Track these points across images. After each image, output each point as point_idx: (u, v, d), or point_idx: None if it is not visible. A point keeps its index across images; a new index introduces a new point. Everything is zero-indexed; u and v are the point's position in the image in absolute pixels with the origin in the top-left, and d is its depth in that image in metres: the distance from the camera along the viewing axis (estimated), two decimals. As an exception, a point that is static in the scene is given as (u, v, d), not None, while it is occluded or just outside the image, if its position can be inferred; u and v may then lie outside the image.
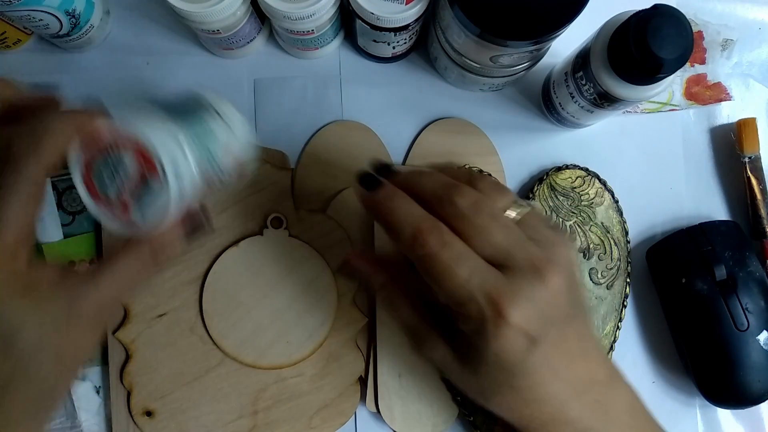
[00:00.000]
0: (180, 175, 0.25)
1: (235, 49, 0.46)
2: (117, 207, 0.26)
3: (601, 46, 0.38)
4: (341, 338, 0.45)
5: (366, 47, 0.46)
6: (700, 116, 0.50)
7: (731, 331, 0.43)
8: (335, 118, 0.48)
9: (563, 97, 0.44)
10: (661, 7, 0.35)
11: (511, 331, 0.28)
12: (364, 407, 0.45)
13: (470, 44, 0.39)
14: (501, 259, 0.29)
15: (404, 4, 0.39)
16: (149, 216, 0.25)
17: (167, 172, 0.25)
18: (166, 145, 0.25)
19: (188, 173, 0.26)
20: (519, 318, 0.28)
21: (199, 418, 0.44)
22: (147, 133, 0.25)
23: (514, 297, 0.28)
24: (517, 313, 0.28)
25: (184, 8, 0.38)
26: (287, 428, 0.44)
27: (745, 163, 0.48)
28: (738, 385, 0.43)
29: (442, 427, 0.45)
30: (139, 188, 0.25)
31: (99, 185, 0.26)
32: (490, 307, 0.28)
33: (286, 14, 0.39)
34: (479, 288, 0.28)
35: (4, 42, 0.45)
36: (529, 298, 0.28)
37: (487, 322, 0.28)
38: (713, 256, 0.44)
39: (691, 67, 0.50)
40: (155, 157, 0.25)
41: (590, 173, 0.47)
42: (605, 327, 0.46)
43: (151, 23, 0.48)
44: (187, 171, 0.26)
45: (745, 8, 0.51)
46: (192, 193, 0.27)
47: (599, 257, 0.46)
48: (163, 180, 0.25)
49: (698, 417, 0.47)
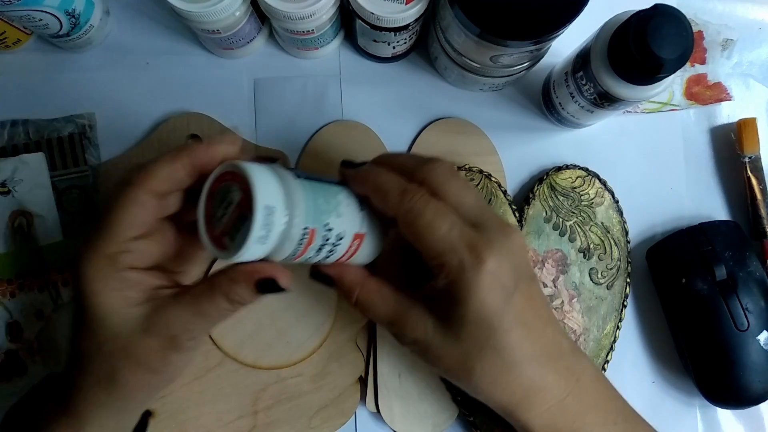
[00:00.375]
0: (269, 223, 0.27)
1: (235, 49, 0.46)
2: (218, 229, 0.29)
3: (602, 46, 0.38)
4: (341, 338, 0.45)
5: (366, 47, 0.46)
6: (701, 116, 0.50)
7: (731, 331, 0.43)
8: (335, 118, 0.48)
9: (563, 97, 0.44)
10: (661, 7, 0.35)
11: (489, 277, 0.30)
12: (364, 407, 0.45)
13: (470, 44, 0.39)
14: (473, 218, 0.32)
15: (404, 4, 0.39)
16: (233, 246, 0.28)
17: (255, 214, 0.27)
18: (269, 193, 0.28)
19: (279, 225, 0.28)
20: (495, 265, 0.31)
21: (198, 418, 0.44)
22: (256, 176, 0.27)
23: (489, 246, 0.31)
24: (494, 260, 0.31)
25: (184, 8, 0.38)
26: (287, 428, 0.44)
27: (746, 163, 0.48)
28: (738, 385, 0.43)
29: (442, 427, 0.45)
30: (235, 220, 0.28)
31: (213, 209, 0.29)
32: (469, 254, 0.31)
33: (286, 14, 0.39)
34: (459, 238, 0.31)
35: (3, 42, 0.45)
36: (501, 250, 0.31)
37: (467, 269, 0.30)
38: (713, 256, 0.44)
39: (692, 67, 0.50)
40: (252, 197, 0.27)
41: (590, 173, 0.47)
42: (605, 327, 0.46)
43: (151, 23, 0.48)
44: (279, 222, 0.28)
45: (745, 8, 0.51)
46: (275, 247, 0.29)
47: (599, 257, 0.46)
48: (249, 220, 0.27)
49: (698, 417, 0.47)
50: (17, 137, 0.46)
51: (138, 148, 0.46)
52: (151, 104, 0.47)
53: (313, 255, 0.32)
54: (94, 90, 0.47)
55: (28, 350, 0.44)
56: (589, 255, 0.46)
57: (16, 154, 0.45)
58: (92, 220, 0.30)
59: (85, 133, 0.47)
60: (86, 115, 0.47)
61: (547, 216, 0.46)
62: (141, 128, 0.47)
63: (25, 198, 0.44)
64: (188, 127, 0.46)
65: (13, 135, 0.46)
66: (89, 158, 0.46)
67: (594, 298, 0.46)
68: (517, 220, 0.46)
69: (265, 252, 0.29)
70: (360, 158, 0.35)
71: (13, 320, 0.44)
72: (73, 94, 0.47)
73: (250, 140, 0.47)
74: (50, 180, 0.45)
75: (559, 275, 0.46)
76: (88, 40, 0.46)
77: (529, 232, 0.46)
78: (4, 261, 0.44)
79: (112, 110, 0.47)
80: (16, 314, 0.44)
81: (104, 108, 0.47)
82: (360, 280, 0.34)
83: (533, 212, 0.46)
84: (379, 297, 0.34)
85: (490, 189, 0.46)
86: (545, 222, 0.46)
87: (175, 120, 0.46)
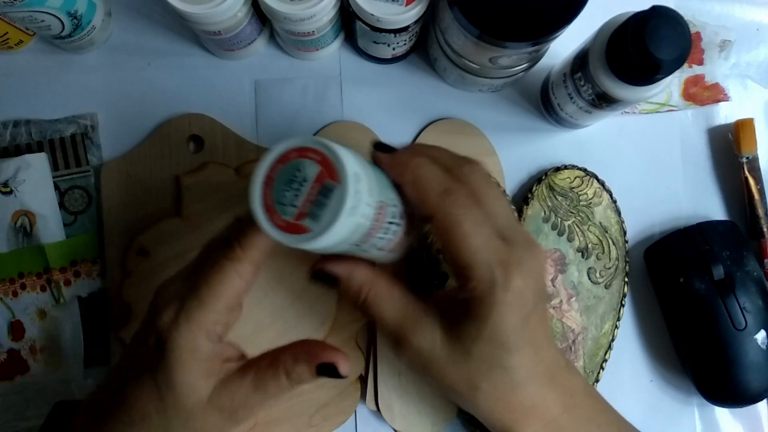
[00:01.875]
0: (358, 191, 0.25)
1: (236, 50, 0.47)
2: (290, 215, 0.26)
3: (600, 47, 0.38)
4: (341, 337, 0.45)
5: (366, 48, 0.46)
6: (698, 117, 0.50)
7: (729, 330, 0.43)
8: (336, 119, 0.48)
9: (562, 97, 0.44)
10: (659, 9, 0.35)
11: (514, 296, 0.29)
12: (364, 406, 0.45)
13: (469, 45, 0.39)
14: (504, 231, 0.31)
15: (404, 6, 0.39)
16: (321, 221, 0.25)
17: (348, 180, 0.25)
18: (352, 161, 0.26)
19: (364, 194, 0.26)
20: (522, 284, 0.29)
21: (200, 416, 0.44)
22: (334, 144, 0.25)
23: (519, 266, 0.30)
24: (521, 279, 0.29)
25: (186, 10, 0.38)
26: (288, 426, 0.44)
27: (743, 164, 0.48)
28: (736, 383, 0.43)
29: (441, 426, 0.45)
30: (317, 195, 0.25)
31: (275, 194, 0.26)
32: (501, 271, 0.29)
33: (287, 16, 0.39)
34: (494, 252, 0.30)
35: (6, 43, 0.45)
36: (529, 270, 0.30)
37: (496, 286, 0.29)
38: (711, 256, 0.44)
39: (689, 68, 0.50)
40: (339, 164, 0.25)
41: (588, 173, 0.47)
42: (603, 326, 0.46)
43: (152, 24, 0.48)
44: (364, 191, 0.26)
45: (743, 9, 0.51)
46: (363, 219, 0.27)
47: (597, 257, 0.46)
48: (341, 189, 0.25)
49: (696, 415, 0.47)
50: (20, 137, 0.46)
51: (140, 149, 0.47)
52: (152, 105, 0.48)
53: (377, 239, 0.29)
54: (96, 91, 0.48)
55: (30, 349, 0.44)
56: (587, 254, 0.46)
57: (19, 155, 0.45)
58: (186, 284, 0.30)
59: (87, 134, 0.47)
60: (88, 115, 0.47)
61: (545, 216, 0.46)
62: (143, 129, 0.47)
63: (28, 198, 0.45)
64: (189, 128, 0.47)
65: (16, 135, 0.46)
66: (91, 158, 0.47)
67: (592, 297, 0.46)
68: (516, 220, 0.46)
69: (351, 229, 0.26)
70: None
71: (16, 319, 0.44)
72: (75, 94, 0.47)
73: (251, 141, 0.47)
74: (52, 180, 0.46)
75: (558, 274, 0.46)
76: (90, 41, 0.46)
77: (528, 232, 0.46)
78: (6, 260, 0.45)
79: (114, 111, 0.47)
80: (18, 313, 0.44)
81: (106, 108, 0.47)
82: (370, 278, 0.32)
83: (532, 212, 0.46)
84: (389, 298, 0.32)
85: (489, 189, 0.46)
86: (544, 222, 0.46)
87: (177, 121, 0.47)
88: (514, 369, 0.31)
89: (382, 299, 0.32)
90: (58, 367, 0.44)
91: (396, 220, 0.30)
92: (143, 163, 0.46)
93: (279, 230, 0.26)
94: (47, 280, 0.45)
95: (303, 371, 0.30)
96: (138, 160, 0.46)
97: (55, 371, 0.44)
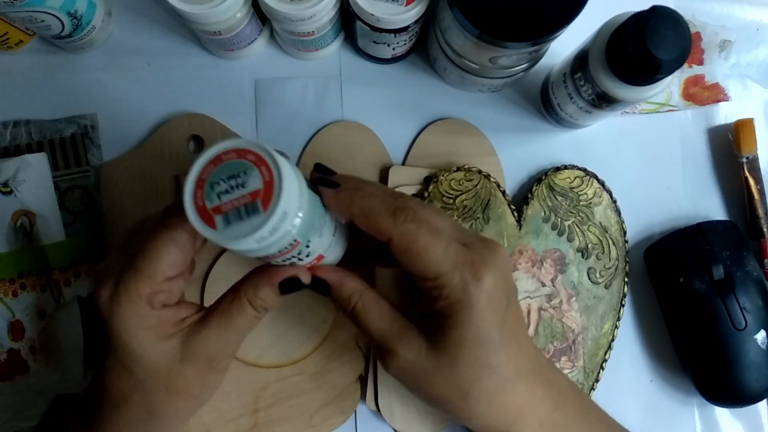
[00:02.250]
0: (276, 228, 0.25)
1: (236, 50, 0.47)
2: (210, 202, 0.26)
3: (600, 47, 0.38)
4: (341, 337, 0.45)
5: (366, 48, 0.46)
6: (698, 117, 0.50)
7: (729, 330, 0.43)
8: (336, 119, 0.48)
9: (562, 97, 0.44)
10: (659, 9, 0.35)
11: (487, 294, 0.30)
12: (365, 405, 0.45)
13: (469, 45, 0.39)
14: (459, 237, 0.31)
15: (404, 6, 0.39)
16: (225, 232, 0.25)
17: (272, 217, 0.25)
18: (290, 199, 0.26)
19: (282, 231, 0.26)
20: (492, 282, 0.30)
21: (199, 416, 0.44)
22: (286, 176, 0.25)
23: (485, 265, 0.30)
24: (490, 276, 0.30)
25: (186, 10, 0.38)
26: (288, 426, 0.44)
27: (743, 164, 0.48)
28: (736, 383, 0.43)
29: (441, 425, 0.45)
30: (240, 206, 0.25)
31: (212, 176, 0.26)
32: (469, 272, 0.30)
33: (287, 16, 0.39)
34: (458, 256, 0.30)
35: (6, 43, 0.45)
36: (496, 267, 0.31)
37: (468, 286, 0.30)
38: (711, 256, 0.44)
39: (689, 68, 0.50)
40: (275, 198, 0.25)
41: (588, 173, 0.47)
42: (603, 326, 0.46)
43: (152, 24, 0.48)
44: (283, 229, 0.26)
45: (743, 9, 0.51)
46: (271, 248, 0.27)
47: (597, 257, 0.46)
48: (262, 219, 0.25)
49: (696, 415, 0.48)
50: (20, 137, 0.46)
51: (139, 149, 0.47)
52: (152, 105, 0.48)
53: (279, 261, 0.30)
54: (96, 91, 0.48)
55: (30, 349, 0.44)
56: (587, 254, 0.46)
57: (19, 155, 0.45)
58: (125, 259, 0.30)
59: (87, 134, 0.47)
60: (88, 115, 0.47)
61: (545, 216, 0.46)
62: (142, 129, 0.47)
63: (28, 198, 0.45)
64: (189, 128, 0.47)
65: (16, 135, 0.46)
66: (91, 158, 0.47)
67: (592, 297, 0.46)
68: (515, 220, 0.46)
69: (254, 249, 0.26)
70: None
71: (16, 319, 0.44)
72: (75, 94, 0.47)
73: (251, 141, 0.47)
74: (52, 180, 0.46)
75: (558, 274, 0.46)
76: (90, 41, 0.46)
77: (528, 232, 0.46)
78: (6, 260, 0.45)
79: (114, 111, 0.47)
80: (18, 313, 0.45)
81: (106, 108, 0.47)
82: (360, 289, 0.33)
83: (532, 212, 0.46)
84: (377, 310, 0.33)
85: (489, 189, 0.46)
86: (544, 222, 0.46)
87: (177, 120, 0.47)
88: (501, 366, 0.31)
89: (370, 310, 0.33)
90: (58, 367, 0.44)
91: (302, 257, 0.30)
92: (143, 163, 0.46)
93: (194, 208, 0.26)
94: (47, 280, 0.45)
95: (266, 295, 0.30)
96: (138, 160, 0.46)
97: (55, 371, 0.44)
